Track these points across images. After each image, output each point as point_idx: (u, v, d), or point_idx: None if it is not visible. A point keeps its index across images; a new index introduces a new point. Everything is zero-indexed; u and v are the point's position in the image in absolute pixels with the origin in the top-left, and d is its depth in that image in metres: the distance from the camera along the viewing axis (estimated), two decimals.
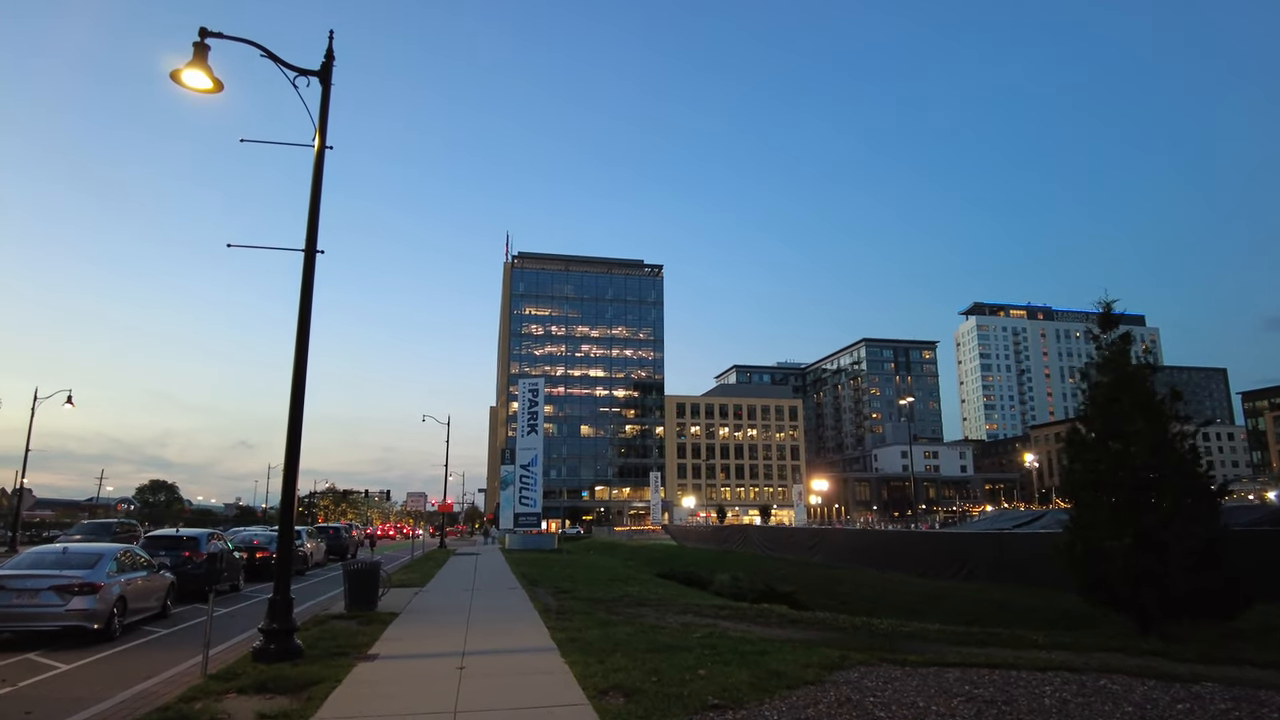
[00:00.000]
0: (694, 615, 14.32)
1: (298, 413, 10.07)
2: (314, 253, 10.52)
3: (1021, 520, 31.42)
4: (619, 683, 7.85)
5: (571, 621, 12.60)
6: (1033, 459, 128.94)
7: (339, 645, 10.25)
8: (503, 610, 14.55)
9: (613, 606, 15.31)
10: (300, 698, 7.44)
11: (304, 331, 10.27)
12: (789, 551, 38.77)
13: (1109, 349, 11.83)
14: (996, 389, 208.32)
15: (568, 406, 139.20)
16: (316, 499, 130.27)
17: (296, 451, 10.01)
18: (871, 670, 8.92)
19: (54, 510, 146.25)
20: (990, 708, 7.09)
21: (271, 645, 9.31)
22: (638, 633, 11.42)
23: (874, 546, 32.51)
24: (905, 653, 10.15)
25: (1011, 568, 24.17)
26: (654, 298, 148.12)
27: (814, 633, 12.26)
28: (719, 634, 11.45)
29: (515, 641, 10.75)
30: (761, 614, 14.36)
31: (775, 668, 8.75)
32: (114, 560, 12.29)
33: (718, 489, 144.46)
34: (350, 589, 14.17)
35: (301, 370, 10.19)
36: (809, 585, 28.08)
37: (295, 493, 9.96)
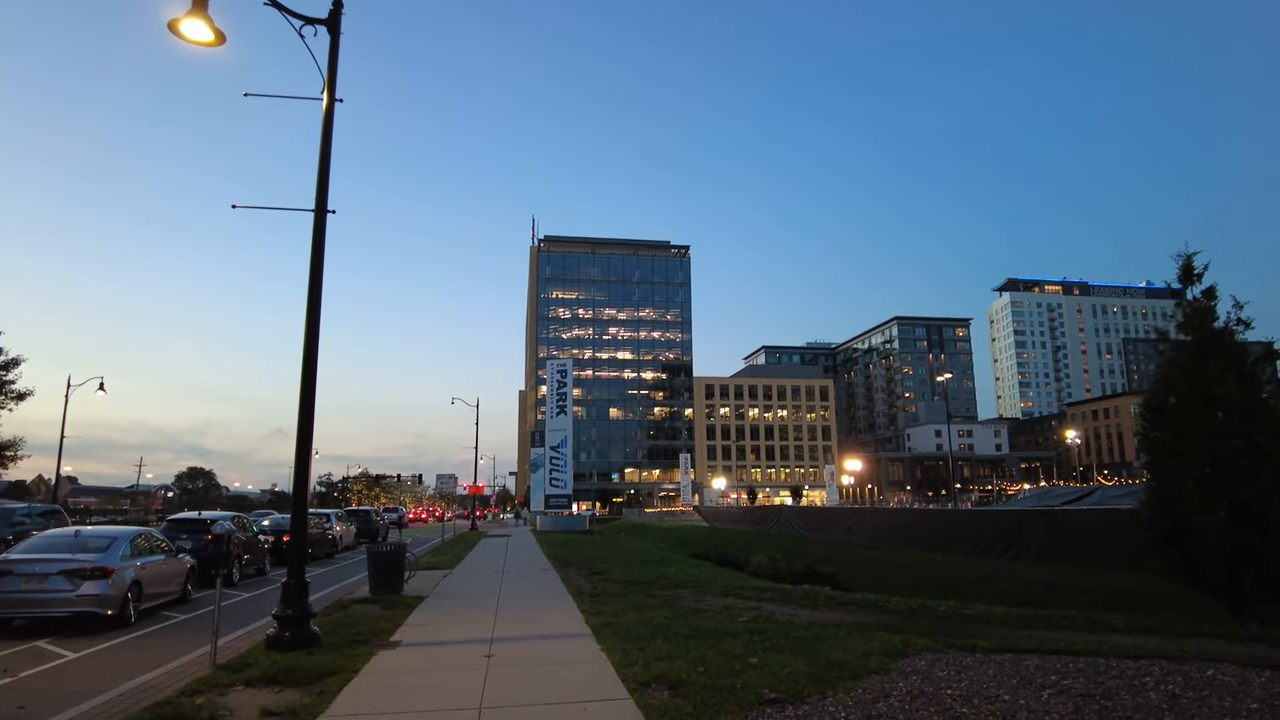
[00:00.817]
0: (735, 598, 13.52)
1: (310, 384, 9.37)
2: (324, 213, 9.80)
3: (1069, 497, 30.20)
4: (662, 673, 7.07)
5: (606, 605, 11.87)
6: (1074, 436, 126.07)
7: (359, 632, 9.60)
8: (534, 593, 13.87)
9: (648, 589, 14.57)
10: (312, 691, 6.76)
11: (315, 295, 9.56)
12: (825, 532, 37.83)
13: (1191, 306, 10.71)
14: (1031, 366, 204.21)
15: (596, 389, 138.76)
16: (350, 484, 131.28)
17: (310, 427, 9.32)
18: (939, 658, 8.06)
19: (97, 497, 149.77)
20: (1088, 703, 6.20)
21: (286, 633, 8.68)
22: (677, 617, 10.65)
23: (915, 526, 31.46)
24: (971, 638, 9.26)
25: (1063, 546, 23.07)
26: (681, 279, 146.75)
27: (867, 616, 11.40)
28: (765, 618, 10.64)
29: (547, 627, 10.02)
30: (807, 596, 13.52)
31: (833, 656, 7.92)
32: (128, 543, 11.76)
33: (748, 470, 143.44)
34: (374, 573, 13.57)
35: (314, 336, 9.49)
36: (849, 566, 27.19)
37: (309, 471, 9.29)
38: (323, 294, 9.64)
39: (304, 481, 9.25)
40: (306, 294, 9.53)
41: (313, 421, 9.35)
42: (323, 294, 9.64)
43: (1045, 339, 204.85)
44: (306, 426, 9.27)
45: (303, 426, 9.24)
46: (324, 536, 25.22)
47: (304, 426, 9.24)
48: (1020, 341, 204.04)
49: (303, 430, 9.24)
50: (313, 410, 9.36)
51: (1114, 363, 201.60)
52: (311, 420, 9.33)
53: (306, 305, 9.53)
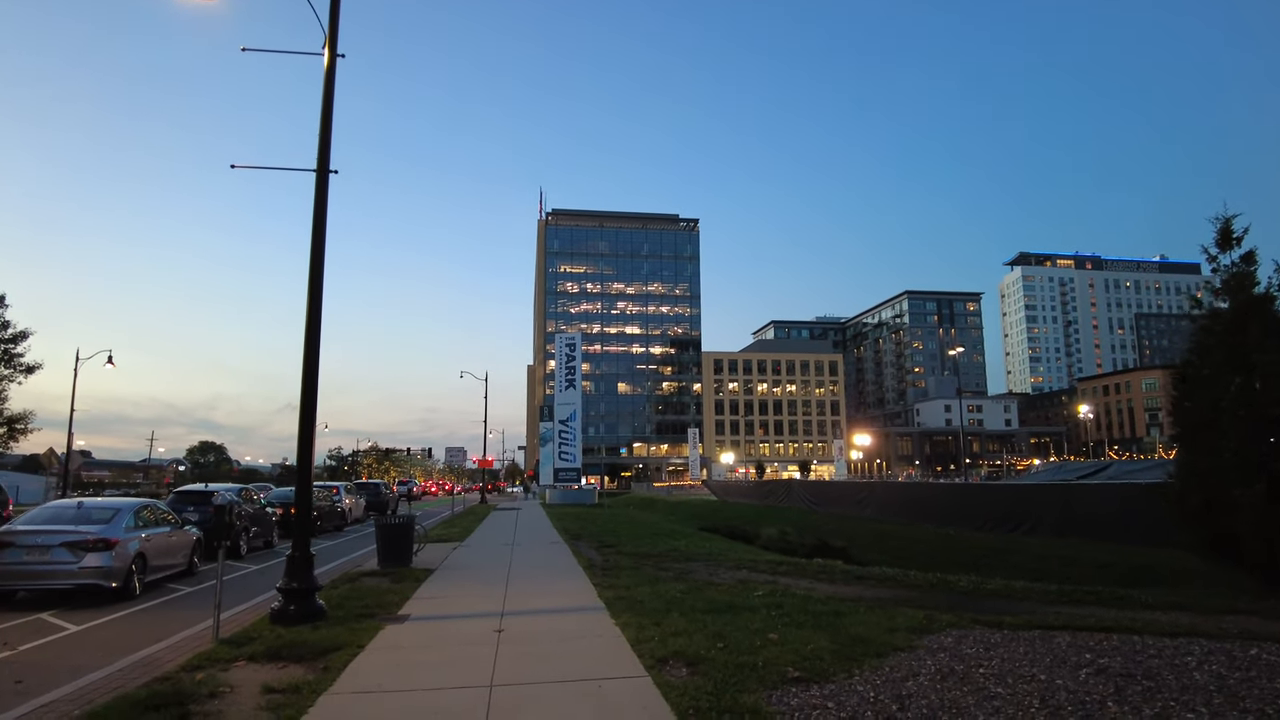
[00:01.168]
0: (749, 571, 13.27)
1: (313, 353, 9.06)
2: (326, 173, 9.42)
3: (1084, 472, 29.84)
4: (679, 649, 6.80)
5: (618, 578, 11.63)
6: (1087, 410, 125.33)
7: (366, 605, 9.37)
8: (544, 566, 13.65)
9: (660, 562, 14.35)
10: (316, 666, 6.52)
11: (318, 259, 9.21)
12: (835, 506, 37.62)
13: (1229, 271, 10.25)
14: (1042, 341, 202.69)
15: (605, 364, 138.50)
16: (360, 457, 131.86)
17: (313, 398, 9.03)
18: (966, 634, 7.77)
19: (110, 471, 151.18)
20: (1129, 683, 5.88)
21: (291, 606, 8.45)
22: (691, 590, 10.39)
23: (926, 500, 31.20)
24: (997, 614, 8.97)
25: (1079, 521, 22.76)
26: (690, 252, 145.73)
27: (886, 590, 11.13)
28: (782, 592, 10.37)
29: (559, 600, 9.78)
30: (823, 570, 13.26)
31: (857, 632, 7.63)
32: (132, 515, 11.56)
33: (756, 445, 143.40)
34: (383, 545, 13.36)
35: (316, 302, 9.15)
36: (861, 540, 26.98)
37: (313, 443, 9.00)
38: (325, 259, 9.29)
39: (308, 453, 8.97)
40: (309, 258, 9.19)
41: (316, 392, 9.05)
42: (325, 259, 9.29)
43: (1056, 313, 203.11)
44: (310, 398, 8.97)
45: (306, 398, 8.95)
46: (333, 509, 25.13)
47: (307, 398, 8.95)
48: (1031, 316, 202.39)
49: (306, 401, 8.94)
50: (316, 381, 9.06)
51: (1126, 338, 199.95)
52: (315, 391, 9.04)
53: (309, 269, 9.19)
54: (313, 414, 9.00)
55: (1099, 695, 5.59)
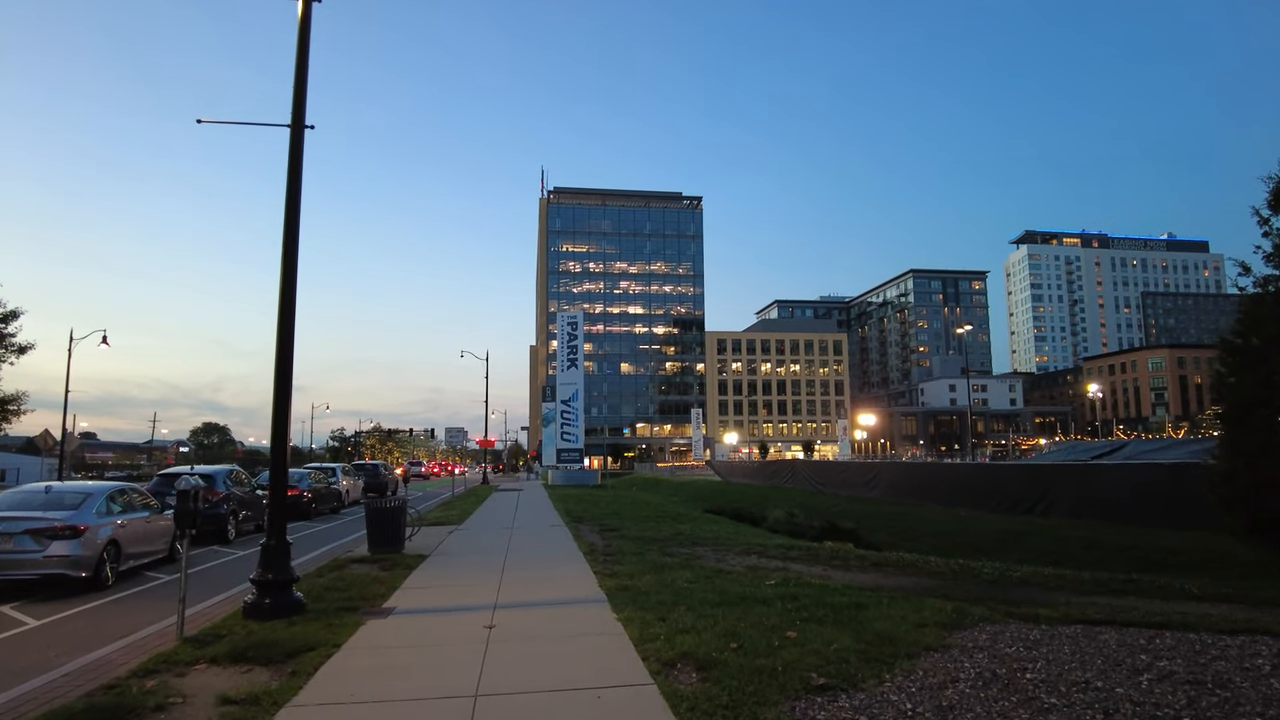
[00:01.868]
0: (758, 556, 12.60)
1: (289, 316, 8.33)
2: (302, 128, 8.64)
3: (1098, 452, 29.06)
4: (689, 650, 6.11)
5: (621, 564, 10.96)
6: (1096, 389, 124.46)
7: (349, 597, 8.71)
8: (544, 551, 12.99)
9: (665, 546, 13.68)
10: (283, 671, 5.84)
11: (293, 220, 8.46)
12: (842, 487, 36.96)
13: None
14: (1047, 320, 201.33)
15: (607, 344, 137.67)
16: (363, 438, 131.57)
17: (288, 370, 8.31)
18: (1001, 630, 7.08)
19: (113, 453, 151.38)
20: (1201, 692, 5.18)
21: (266, 600, 7.78)
22: (699, 579, 9.71)
23: (936, 481, 30.51)
24: (1030, 605, 8.28)
25: (1096, 503, 22.04)
26: (693, 231, 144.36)
27: (906, 578, 10.45)
28: (795, 580, 9.69)
29: (557, 590, 9.10)
30: (836, 556, 12.58)
31: (882, 628, 6.94)
32: (104, 500, 10.89)
33: (760, 425, 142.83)
34: (373, 530, 12.70)
35: (292, 263, 8.41)
36: (870, 522, 26.32)
37: (289, 420, 8.30)
38: (300, 218, 8.53)
39: (283, 432, 8.26)
40: (283, 219, 8.44)
41: (291, 364, 8.33)
42: (300, 218, 8.53)
43: (1062, 292, 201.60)
44: (285, 373, 8.26)
45: (280, 373, 8.23)
46: (329, 491, 24.52)
47: (282, 370, 8.23)
48: (1037, 295, 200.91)
49: (280, 377, 8.23)
50: (291, 355, 8.33)
51: (1132, 317, 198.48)
52: (290, 363, 8.32)
53: (283, 232, 8.45)
54: (287, 391, 8.29)
55: (1171, 709, 4.88)
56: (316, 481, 23.83)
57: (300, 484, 22.47)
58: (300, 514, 22.14)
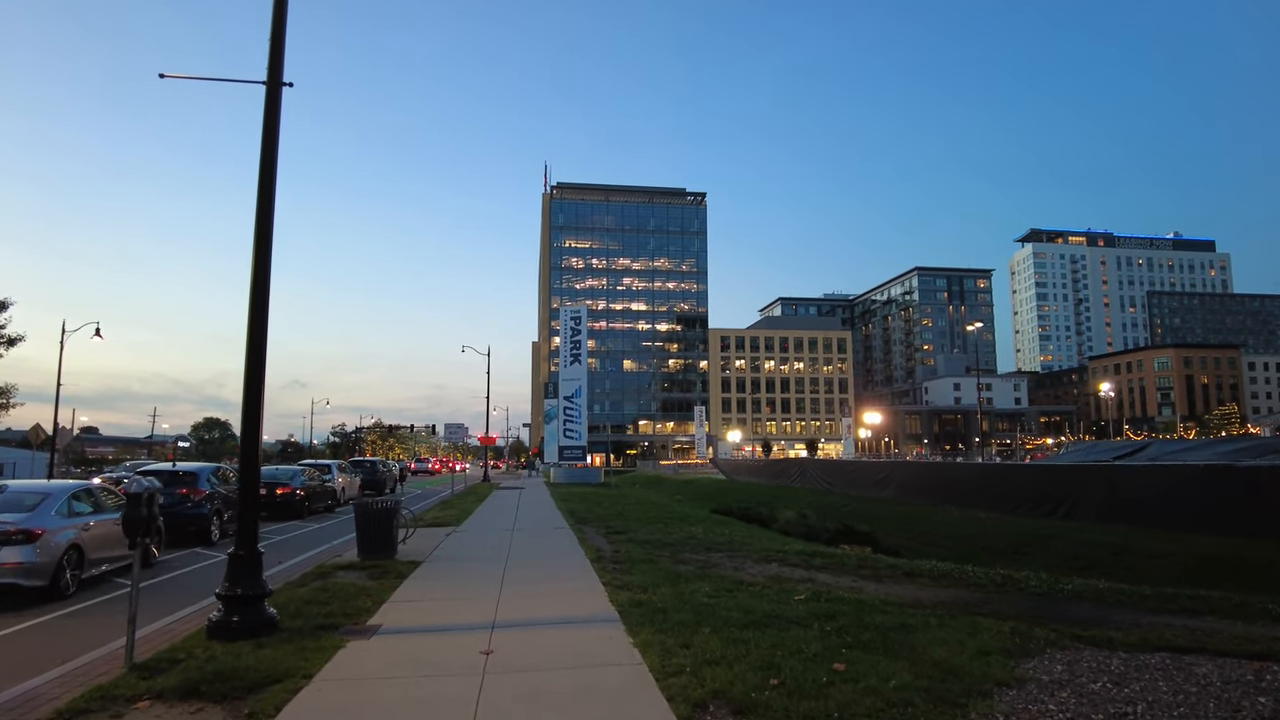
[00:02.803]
0: (779, 564, 11.66)
1: (262, 296, 7.39)
2: (279, 86, 7.69)
3: (1120, 452, 28.09)
4: (721, 687, 5.16)
5: (632, 574, 10.01)
6: (1108, 388, 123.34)
7: (330, 612, 7.77)
8: (547, 557, 12.04)
9: (677, 552, 12.74)
10: (239, 711, 4.90)
11: (267, 189, 7.51)
12: (852, 487, 36.00)
13: None
14: (1052, 319, 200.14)
15: (610, 341, 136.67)
16: (363, 434, 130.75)
17: (261, 359, 7.37)
18: (1076, 659, 6.13)
19: (114, 447, 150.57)
20: None
21: (234, 618, 6.84)
22: (720, 591, 8.77)
23: (951, 481, 29.53)
24: (1098, 626, 7.33)
25: (1124, 505, 21.06)
26: (697, 227, 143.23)
27: (945, 591, 9.50)
28: (827, 594, 8.74)
29: (562, 606, 8.16)
30: (864, 564, 11.62)
31: (939, 656, 5.99)
32: (67, 500, 9.95)
33: (763, 423, 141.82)
34: (363, 533, 11.76)
35: (266, 237, 7.46)
36: (884, 524, 25.38)
37: (261, 408, 7.34)
38: (276, 190, 7.59)
39: (255, 425, 7.31)
40: (257, 191, 7.49)
41: (264, 350, 7.39)
42: (276, 190, 7.59)
43: (1067, 291, 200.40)
44: (257, 356, 7.31)
45: (251, 357, 7.28)
46: (322, 489, 23.59)
47: (253, 357, 7.29)
48: (1042, 294, 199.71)
49: (251, 363, 7.28)
50: (264, 336, 7.39)
51: (1137, 316, 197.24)
52: (263, 349, 7.37)
53: (256, 205, 7.50)
54: (260, 380, 7.34)
55: None
56: (310, 479, 22.91)
57: (293, 482, 21.56)
58: (293, 513, 21.26)
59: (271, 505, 20.92)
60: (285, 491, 21.06)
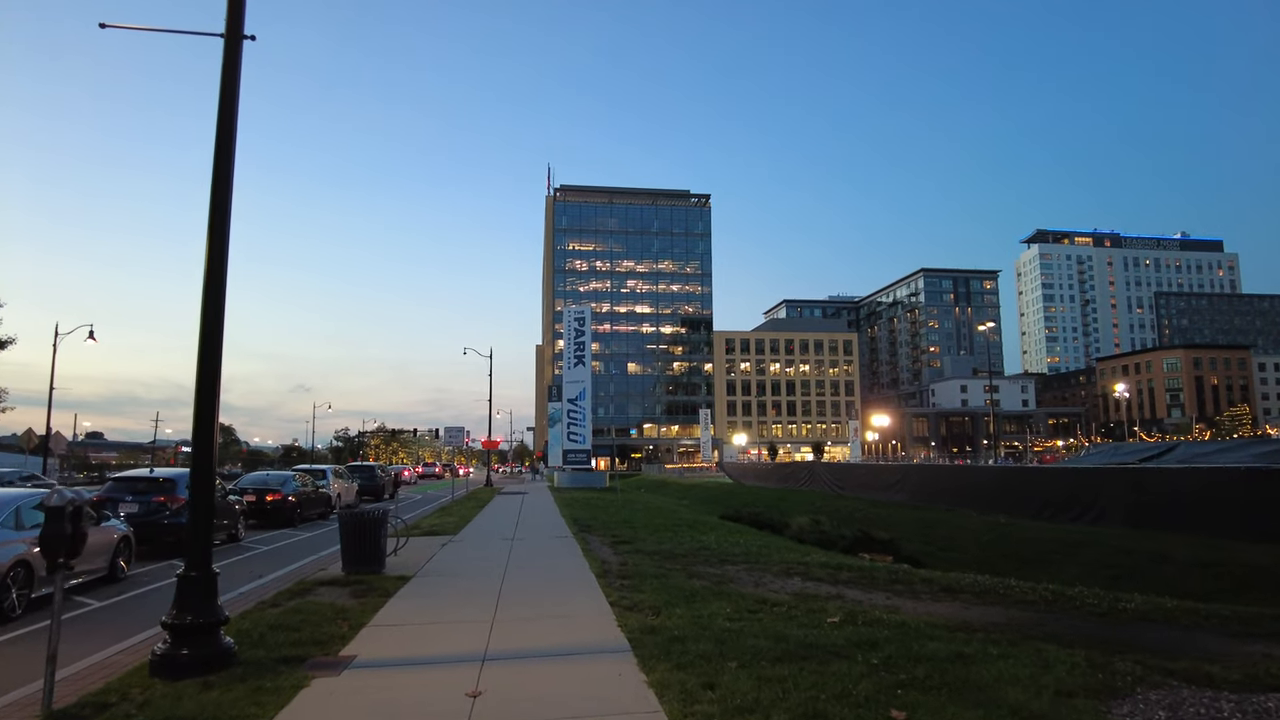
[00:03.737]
0: (802, 579, 10.66)
1: (219, 268, 6.45)
2: (239, 39, 6.75)
3: (1146, 454, 27.05)
4: None
5: (642, 592, 9.02)
6: (1123, 389, 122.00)
7: (300, 640, 6.79)
8: (549, 572, 11.06)
9: (689, 564, 11.76)
10: None
11: (226, 155, 6.56)
12: (864, 490, 34.96)
13: None
14: (1059, 320, 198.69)
15: (614, 344, 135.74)
16: (366, 438, 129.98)
17: (216, 353, 6.42)
18: (1176, 701, 5.14)
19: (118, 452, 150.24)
20: None
21: (182, 650, 5.88)
22: (742, 614, 7.78)
23: (968, 484, 28.52)
24: (1185, 654, 6.34)
25: (1156, 510, 20.04)
26: (701, 229, 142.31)
27: (994, 610, 8.49)
28: (864, 616, 7.74)
29: (564, 632, 7.18)
30: (897, 578, 10.61)
31: (1015, 699, 5.00)
32: (12, 512, 9.00)
33: (769, 426, 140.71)
34: (348, 545, 10.79)
35: (223, 209, 6.52)
36: (902, 529, 24.33)
37: (215, 407, 6.39)
38: (234, 160, 6.64)
39: (208, 426, 6.36)
40: (214, 151, 6.55)
41: (220, 338, 6.44)
42: (234, 160, 6.64)
43: (1074, 292, 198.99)
44: (212, 346, 6.36)
45: (206, 348, 6.34)
46: (316, 495, 22.62)
47: (207, 346, 6.34)
48: (1048, 295, 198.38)
49: (205, 355, 6.34)
50: (220, 320, 6.45)
51: (1145, 317, 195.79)
52: (219, 337, 6.43)
53: (212, 178, 6.55)
54: (215, 371, 6.39)
55: None
56: (303, 484, 21.96)
57: (284, 488, 20.62)
58: (284, 521, 20.33)
59: (262, 513, 20.00)
60: (276, 498, 20.13)
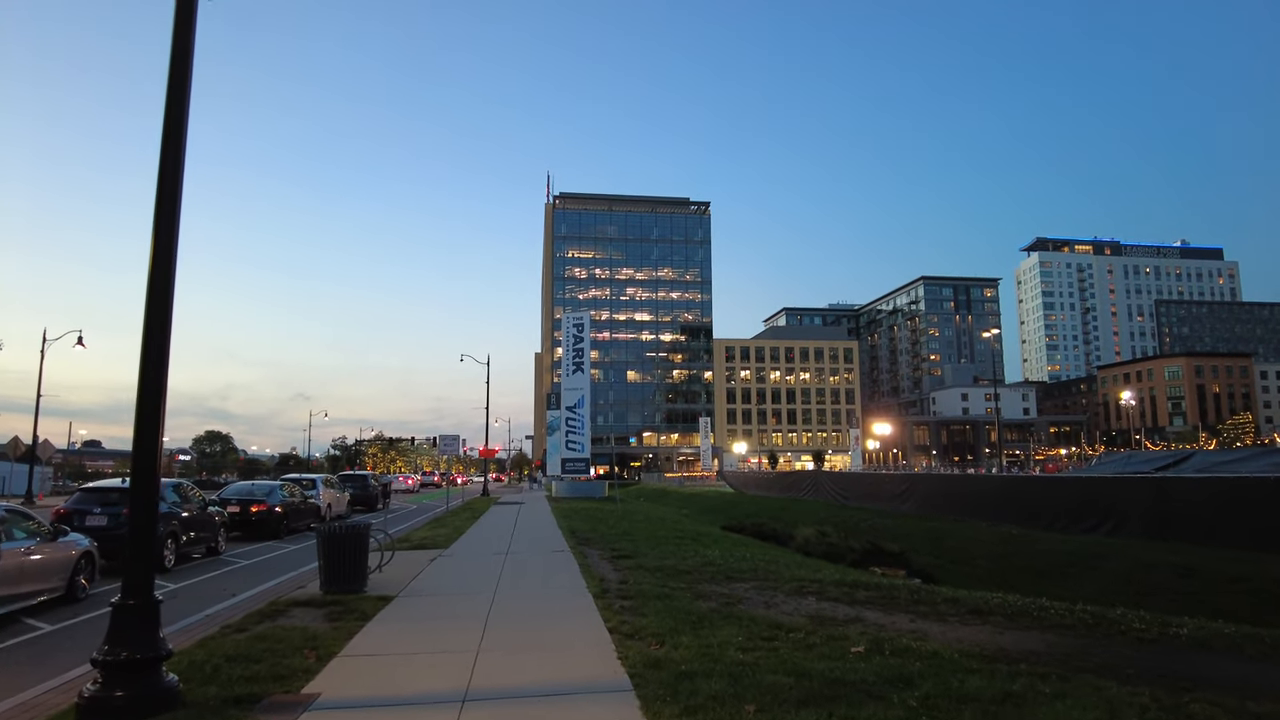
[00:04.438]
0: (816, 598, 9.87)
1: (167, 246, 5.69)
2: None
3: (1161, 463, 26.29)
4: None
5: (644, 614, 8.24)
6: (1129, 396, 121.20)
7: (257, 675, 6.00)
8: (543, 591, 10.28)
9: (694, 582, 10.97)
10: None
11: (176, 128, 5.82)
12: (870, 500, 34.16)
13: None
14: (1060, 328, 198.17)
15: (613, 351, 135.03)
16: (363, 447, 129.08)
17: (164, 339, 5.66)
18: None
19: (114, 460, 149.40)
20: None
21: (116, 691, 5.10)
22: (755, 642, 6.99)
23: (978, 494, 27.72)
24: (1266, 695, 5.56)
25: (1177, 521, 19.29)
26: (700, 236, 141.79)
27: (1028, 635, 7.70)
28: (891, 644, 6.95)
29: (557, 664, 6.39)
30: (919, 598, 9.82)
31: None
32: None
33: (769, 434, 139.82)
34: (326, 562, 10.03)
35: (174, 180, 5.77)
36: (911, 541, 23.55)
37: (162, 404, 5.63)
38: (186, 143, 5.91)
39: (152, 431, 5.59)
40: (162, 122, 5.82)
41: (167, 333, 5.69)
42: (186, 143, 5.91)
43: (1074, 300, 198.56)
44: (156, 339, 5.60)
45: (149, 349, 5.58)
46: (304, 506, 21.81)
47: (151, 348, 5.58)
48: (1049, 303, 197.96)
49: (149, 358, 5.58)
50: (168, 315, 5.69)
51: (1145, 325, 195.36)
52: (165, 334, 5.67)
53: (162, 140, 5.82)
54: (162, 373, 5.63)
55: None
56: (290, 495, 21.16)
57: (269, 498, 19.83)
58: (270, 533, 19.53)
59: (246, 524, 19.22)
60: (261, 509, 19.34)
